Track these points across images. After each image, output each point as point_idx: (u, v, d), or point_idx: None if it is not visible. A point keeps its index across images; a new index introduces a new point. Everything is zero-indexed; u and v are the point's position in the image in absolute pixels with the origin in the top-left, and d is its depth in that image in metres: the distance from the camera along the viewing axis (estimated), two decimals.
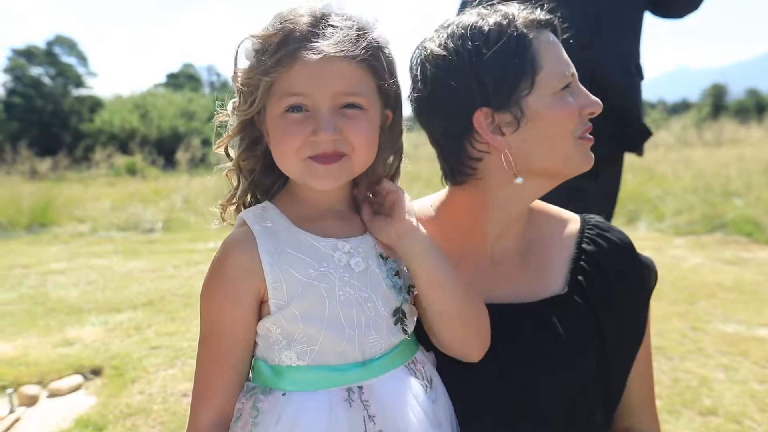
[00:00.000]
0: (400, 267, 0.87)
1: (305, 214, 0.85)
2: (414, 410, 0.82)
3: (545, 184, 1.04)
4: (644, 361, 1.12)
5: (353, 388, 0.80)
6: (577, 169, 1.01)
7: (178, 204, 9.45)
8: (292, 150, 0.79)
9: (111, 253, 6.90)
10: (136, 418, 3.00)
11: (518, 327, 1.01)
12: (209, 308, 0.82)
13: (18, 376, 3.44)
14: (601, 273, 1.07)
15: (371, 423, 0.78)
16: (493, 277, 1.07)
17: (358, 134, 0.79)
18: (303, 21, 0.77)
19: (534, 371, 0.99)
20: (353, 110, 0.79)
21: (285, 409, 0.78)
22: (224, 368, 0.82)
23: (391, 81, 0.84)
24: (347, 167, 0.80)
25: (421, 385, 0.86)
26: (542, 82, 0.95)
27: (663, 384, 3.06)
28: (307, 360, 0.79)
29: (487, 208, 1.05)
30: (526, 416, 0.98)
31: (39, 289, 5.41)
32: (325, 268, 0.80)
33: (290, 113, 0.79)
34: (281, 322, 0.79)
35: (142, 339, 4.07)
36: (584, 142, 1.01)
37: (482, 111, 0.96)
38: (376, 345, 0.82)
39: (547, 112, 0.96)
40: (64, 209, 9.12)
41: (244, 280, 0.79)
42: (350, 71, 0.78)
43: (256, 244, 0.80)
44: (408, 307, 0.87)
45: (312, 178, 0.80)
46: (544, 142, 0.98)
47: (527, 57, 0.94)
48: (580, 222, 1.14)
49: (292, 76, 0.77)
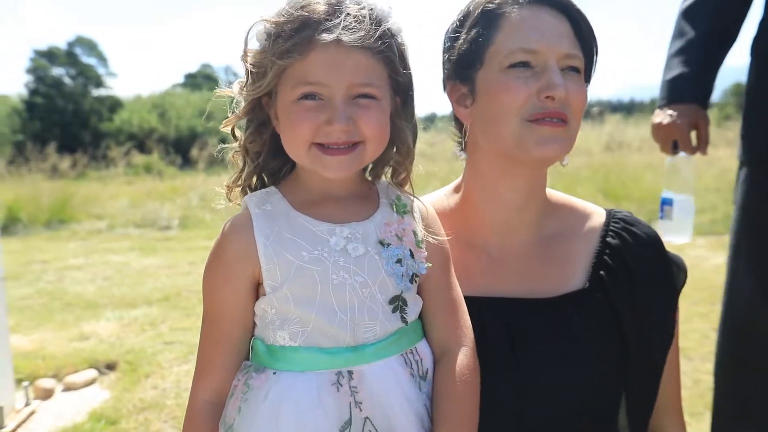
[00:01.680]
0: (403, 254, 0.85)
1: (308, 198, 0.86)
2: (402, 402, 0.81)
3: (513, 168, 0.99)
4: (672, 363, 1.08)
5: (343, 372, 0.79)
6: (525, 154, 0.93)
7: (194, 202, 9.53)
8: (302, 137, 0.79)
9: (127, 250, 6.99)
10: (149, 413, 3.01)
11: (535, 323, 0.98)
12: (209, 290, 0.85)
13: (34, 370, 3.47)
14: (625, 268, 1.02)
15: (357, 409, 0.78)
16: (509, 270, 1.04)
17: (370, 124, 0.80)
18: (319, 9, 0.77)
19: (549, 369, 0.95)
20: (366, 100, 0.80)
21: (273, 387, 0.79)
22: (222, 348, 0.85)
23: (402, 69, 0.84)
24: (360, 156, 0.81)
25: (414, 376, 0.84)
26: (491, 58, 0.94)
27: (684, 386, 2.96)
28: (299, 341, 0.80)
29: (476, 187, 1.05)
30: (538, 416, 0.94)
31: (56, 284, 5.48)
32: (319, 251, 0.80)
33: (304, 101, 0.79)
34: (275, 303, 0.81)
35: (156, 334, 4.10)
36: (535, 126, 0.92)
37: (451, 83, 1.02)
38: (370, 331, 0.81)
39: (491, 88, 0.94)
40: (82, 206, 9.25)
41: (240, 263, 0.81)
42: (366, 61, 0.79)
43: (253, 226, 0.81)
44: (410, 296, 0.86)
45: (321, 166, 0.81)
46: (488, 119, 0.96)
47: (483, 31, 0.95)
48: (605, 215, 1.09)
49: (307, 64, 0.77)
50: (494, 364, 0.94)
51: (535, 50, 0.91)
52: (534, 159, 0.94)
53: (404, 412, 0.80)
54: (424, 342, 0.89)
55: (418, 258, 0.86)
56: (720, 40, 1.73)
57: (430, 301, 0.90)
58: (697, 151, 1.77)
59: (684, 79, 1.71)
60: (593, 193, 8.33)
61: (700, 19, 1.72)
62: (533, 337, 0.97)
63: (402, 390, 0.81)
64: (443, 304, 0.90)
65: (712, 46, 1.72)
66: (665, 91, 1.76)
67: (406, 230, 0.87)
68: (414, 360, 0.85)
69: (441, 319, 0.90)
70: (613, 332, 0.99)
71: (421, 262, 0.86)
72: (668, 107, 1.75)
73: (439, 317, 0.90)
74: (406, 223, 0.88)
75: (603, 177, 9.04)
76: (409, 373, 0.84)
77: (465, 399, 0.85)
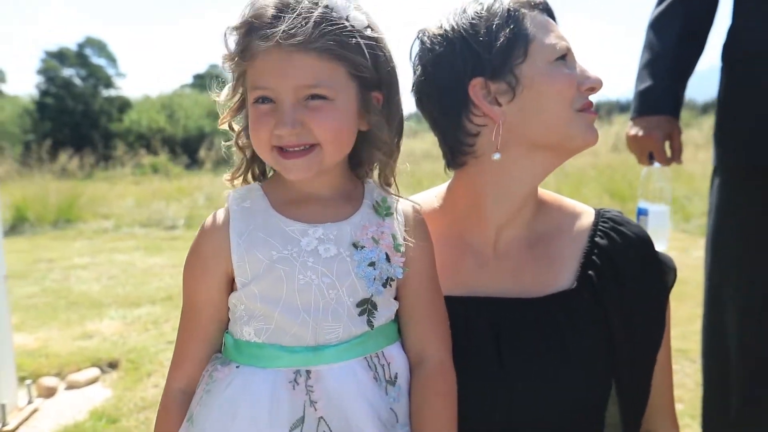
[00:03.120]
0: (378, 257, 0.84)
1: (288, 197, 0.86)
2: (361, 404, 0.80)
3: (546, 160, 1.00)
4: (663, 364, 1.07)
5: (301, 371, 0.80)
6: (581, 142, 0.99)
7: (200, 201, 9.57)
8: (262, 141, 0.81)
9: (133, 249, 7.03)
10: (150, 412, 3.03)
11: (522, 322, 0.97)
12: (186, 283, 0.88)
13: (38, 368, 3.50)
14: (614, 268, 1.02)
15: (311, 408, 0.79)
16: (498, 269, 1.03)
17: (321, 126, 0.78)
18: (266, 12, 0.78)
19: (536, 368, 0.95)
20: (317, 101, 0.78)
21: (234, 381, 0.81)
22: (196, 340, 0.87)
23: (370, 64, 0.81)
24: (317, 158, 0.80)
25: (379, 380, 0.84)
26: (535, 52, 0.95)
27: (686, 387, 2.96)
28: (263, 337, 0.82)
29: (487, 189, 1.01)
30: (525, 415, 0.94)
31: (62, 283, 5.52)
32: (289, 251, 0.80)
33: (259, 104, 0.80)
34: (243, 299, 0.82)
35: (159, 333, 4.12)
36: (586, 115, 0.98)
37: (477, 80, 0.95)
38: (332, 333, 0.81)
39: (542, 80, 0.95)
40: (89, 206, 9.32)
41: (214, 258, 0.84)
42: (312, 64, 0.77)
43: (229, 224, 0.83)
44: (382, 300, 0.85)
45: (282, 169, 0.82)
46: (542, 111, 0.95)
47: (519, 28, 0.95)
48: (594, 215, 1.09)
49: (256, 68, 0.79)
50: (480, 364, 0.94)
51: (570, 48, 0.97)
52: (583, 146, 0.99)
53: (364, 414, 0.80)
54: (395, 346, 0.88)
55: (395, 262, 0.85)
56: (689, 50, 1.76)
57: (408, 306, 0.89)
58: (672, 161, 1.80)
59: (655, 91, 1.74)
60: (599, 194, 8.29)
61: (667, 29, 1.75)
62: (520, 337, 0.96)
63: (362, 393, 0.81)
64: (421, 309, 0.89)
65: (681, 56, 1.75)
66: (637, 103, 1.79)
67: (384, 233, 0.86)
68: (379, 364, 0.84)
69: (417, 324, 0.89)
70: (601, 332, 0.99)
71: (397, 266, 0.85)
72: (641, 119, 1.77)
73: (416, 322, 0.89)
74: (386, 225, 0.87)
75: (609, 177, 8.99)
76: (372, 376, 0.83)
77: (440, 410, 0.85)
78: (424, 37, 0.99)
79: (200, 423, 0.81)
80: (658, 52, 1.75)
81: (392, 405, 0.84)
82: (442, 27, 0.97)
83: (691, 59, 1.77)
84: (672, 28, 1.74)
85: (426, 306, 0.90)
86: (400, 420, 0.85)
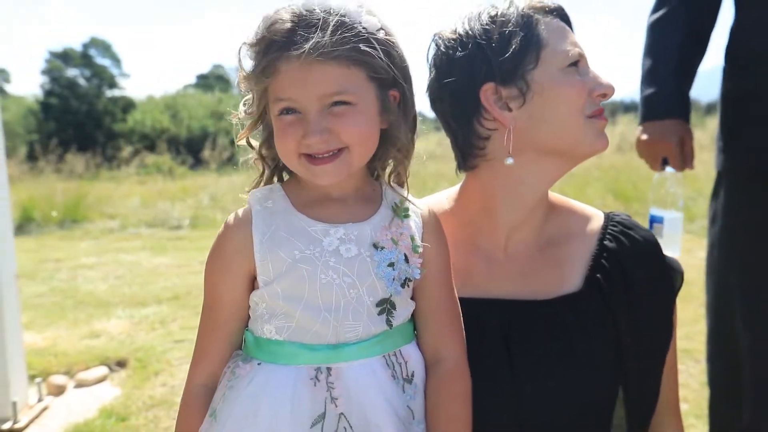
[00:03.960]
0: (397, 258, 0.86)
1: (309, 198, 0.88)
2: (380, 401, 0.82)
3: (556, 165, 1.02)
4: (670, 365, 1.08)
5: (322, 368, 0.82)
6: (589, 148, 1.00)
7: (205, 201, 9.60)
8: (290, 151, 0.83)
9: (139, 249, 7.05)
10: (158, 410, 3.06)
11: (530, 324, 0.99)
12: (208, 281, 0.89)
13: (47, 366, 3.54)
14: (622, 271, 1.03)
15: (332, 405, 0.80)
16: (508, 271, 1.05)
17: (348, 131, 0.80)
18: (282, 28, 0.79)
19: (544, 370, 0.96)
20: (341, 107, 0.80)
21: (256, 378, 0.83)
22: (218, 336, 0.89)
23: (388, 65, 0.83)
24: (346, 161, 0.82)
25: (396, 378, 0.86)
26: (547, 58, 0.96)
27: (690, 387, 2.97)
28: (284, 335, 0.83)
29: (498, 192, 1.03)
30: (534, 417, 0.95)
31: (69, 282, 5.56)
32: (311, 251, 0.82)
33: (284, 115, 0.82)
34: (265, 297, 0.84)
35: (166, 332, 4.15)
36: (596, 121, 0.99)
37: (488, 86, 0.97)
38: (352, 331, 0.83)
39: (553, 86, 0.96)
40: (95, 206, 9.35)
41: (236, 257, 0.85)
42: (332, 72, 0.79)
43: (252, 223, 0.85)
44: (400, 300, 0.87)
45: (312, 176, 0.83)
46: (552, 117, 0.97)
47: (532, 34, 0.96)
48: (603, 218, 1.10)
49: (278, 82, 0.81)
50: (490, 365, 0.95)
51: (583, 54, 0.98)
52: (593, 152, 1.00)
53: (383, 411, 0.81)
54: (412, 345, 0.90)
55: (413, 263, 0.87)
56: (693, 51, 1.72)
57: (424, 306, 0.91)
58: (685, 167, 1.75)
59: (663, 94, 1.70)
60: (603, 194, 8.28)
61: (671, 32, 1.71)
62: (529, 339, 0.98)
63: (381, 390, 0.83)
64: (437, 310, 0.91)
65: (685, 58, 1.71)
66: (645, 108, 1.75)
67: (403, 234, 0.88)
68: (397, 362, 0.86)
69: (434, 325, 0.91)
70: (609, 334, 1.00)
71: (415, 267, 0.87)
72: (651, 123, 1.73)
73: (433, 323, 0.91)
74: (405, 227, 0.89)
75: (613, 178, 8.98)
76: (391, 374, 0.85)
77: (457, 411, 0.87)
78: (438, 40, 1.01)
79: (223, 419, 0.83)
80: (662, 55, 1.72)
81: (409, 402, 0.86)
82: (456, 31, 0.99)
83: (695, 61, 1.73)
84: (675, 31, 1.70)
85: (442, 306, 0.92)
86: (416, 417, 0.86)
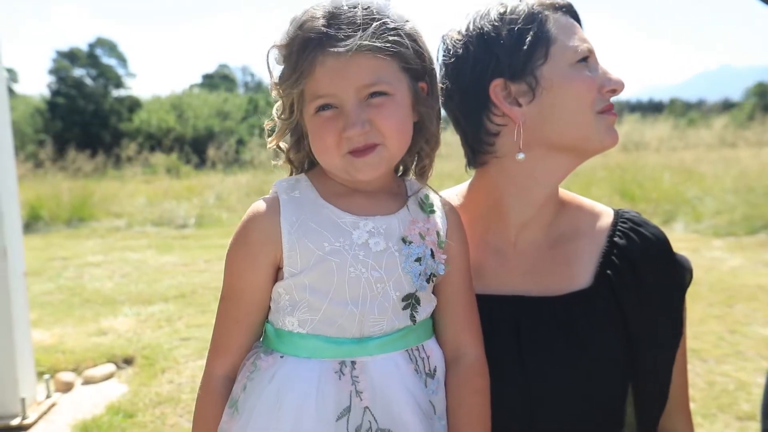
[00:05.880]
0: (424, 253, 0.86)
1: (334, 189, 0.87)
2: (404, 395, 0.82)
3: (566, 161, 1.01)
4: (680, 364, 1.07)
5: (346, 362, 0.81)
6: (599, 144, 0.99)
7: (210, 201, 9.63)
8: (330, 147, 0.82)
9: (145, 248, 7.09)
10: (165, 407, 3.07)
11: (541, 320, 0.98)
12: (231, 270, 0.86)
13: (55, 364, 3.56)
14: (632, 268, 1.02)
15: (357, 398, 0.80)
16: (518, 268, 1.04)
17: (387, 122, 0.80)
18: (317, 24, 0.79)
19: (555, 366, 0.95)
20: (379, 98, 0.80)
21: (279, 371, 0.82)
22: (239, 327, 0.87)
23: (417, 57, 0.84)
24: (384, 155, 0.82)
25: (419, 373, 0.86)
26: (557, 54, 0.96)
27: (697, 387, 2.96)
28: (307, 328, 0.82)
29: (508, 188, 1.03)
30: (545, 414, 0.95)
31: (76, 280, 5.59)
32: (341, 243, 0.81)
33: (321, 112, 0.81)
34: (291, 289, 0.82)
35: (172, 330, 4.17)
36: (606, 117, 0.98)
37: (497, 81, 0.97)
38: (377, 325, 0.83)
39: (562, 82, 0.96)
40: (101, 205, 9.41)
41: (263, 246, 0.83)
42: (369, 63, 0.79)
43: (280, 212, 0.83)
44: (425, 295, 0.87)
45: (354, 171, 0.82)
46: (561, 113, 0.97)
47: (541, 30, 0.96)
48: (613, 215, 1.10)
49: (316, 80, 0.80)
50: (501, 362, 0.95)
51: (592, 50, 0.98)
52: (602, 147, 0.99)
53: (407, 404, 0.81)
54: (433, 340, 0.90)
55: (438, 258, 0.87)
56: None
57: (445, 302, 0.91)
58: None
59: None
60: (609, 194, 8.25)
61: None
62: (539, 335, 0.97)
63: (405, 384, 0.82)
64: (459, 307, 0.91)
65: None
66: None
67: (430, 230, 0.88)
68: (419, 357, 0.86)
69: (455, 321, 0.91)
70: (619, 331, 0.99)
71: (440, 262, 0.87)
72: None
73: (454, 319, 0.91)
74: (431, 222, 0.89)
75: (619, 177, 8.96)
76: (413, 368, 0.85)
77: (479, 407, 0.87)
78: (448, 38, 1.01)
79: (246, 411, 0.82)
80: None
81: (431, 397, 0.86)
82: (465, 28, 0.99)
83: None
84: None
85: (463, 303, 0.91)
86: (438, 412, 0.86)
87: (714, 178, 8.89)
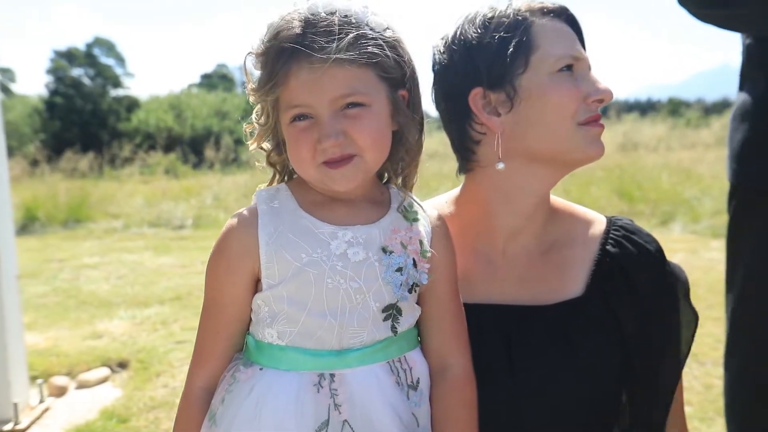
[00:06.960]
0: (405, 263, 0.85)
1: (314, 198, 0.86)
2: (384, 407, 0.81)
3: (549, 172, 1.00)
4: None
5: (325, 374, 0.81)
6: (581, 155, 0.97)
7: (208, 201, 9.61)
8: (305, 158, 0.81)
9: (142, 249, 7.06)
10: (159, 411, 3.05)
11: (532, 330, 0.97)
12: (210, 282, 0.87)
13: (48, 367, 3.54)
14: (625, 276, 1.02)
15: (336, 411, 0.79)
16: (508, 276, 1.03)
17: (362, 133, 0.80)
18: (290, 34, 0.78)
19: (546, 376, 0.95)
20: (355, 109, 0.79)
21: (258, 383, 0.81)
22: (219, 338, 0.87)
23: (396, 65, 0.83)
24: (360, 167, 0.81)
25: (401, 384, 0.84)
26: (537, 62, 0.94)
27: (694, 390, 2.95)
28: (286, 340, 0.82)
29: (493, 197, 1.02)
30: (536, 423, 0.94)
31: (72, 282, 5.57)
32: (318, 254, 0.80)
33: (297, 122, 0.81)
34: (270, 300, 0.82)
35: (168, 333, 4.15)
36: (589, 128, 0.96)
37: (477, 90, 0.96)
38: (356, 337, 0.82)
39: (541, 92, 0.94)
40: (99, 206, 9.38)
41: (242, 258, 0.83)
42: (344, 74, 0.78)
43: (258, 223, 0.83)
44: (407, 305, 0.85)
45: (329, 181, 0.82)
46: (539, 123, 0.95)
47: (522, 38, 0.94)
48: (606, 223, 1.09)
49: (290, 89, 0.79)
50: (490, 372, 0.94)
51: (579, 57, 0.95)
52: (585, 160, 0.98)
53: (387, 417, 0.80)
54: (416, 351, 0.88)
55: (421, 268, 0.86)
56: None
57: (431, 312, 0.89)
58: None
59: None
60: (607, 194, 8.24)
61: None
62: (530, 344, 0.96)
63: (385, 397, 0.81)
64: (444, 316, 0.90)
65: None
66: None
67: (413, 238, 0.86)
68: (401, 368, 0.85)
69: (440, 331, 0.89)
70: (612, 339, 0.99)
71: (423, 272, 0.86)
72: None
73: (439, 329, 0.89)
74: (414, 231, 0.87)
75: (617, 177, 8.94)
76: (395, 380, 0.84)
77: (465, 420, 0.86)
78: (436, 44, 1.01)
79: (224, 424, 0.82)
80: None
81: (414, 409, 0.85)
82: (451, 35, 0.98)
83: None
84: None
85: (449, 312, 0.90)
86: (421, 424, 0.85)
87: (712, 179, 8.87)
